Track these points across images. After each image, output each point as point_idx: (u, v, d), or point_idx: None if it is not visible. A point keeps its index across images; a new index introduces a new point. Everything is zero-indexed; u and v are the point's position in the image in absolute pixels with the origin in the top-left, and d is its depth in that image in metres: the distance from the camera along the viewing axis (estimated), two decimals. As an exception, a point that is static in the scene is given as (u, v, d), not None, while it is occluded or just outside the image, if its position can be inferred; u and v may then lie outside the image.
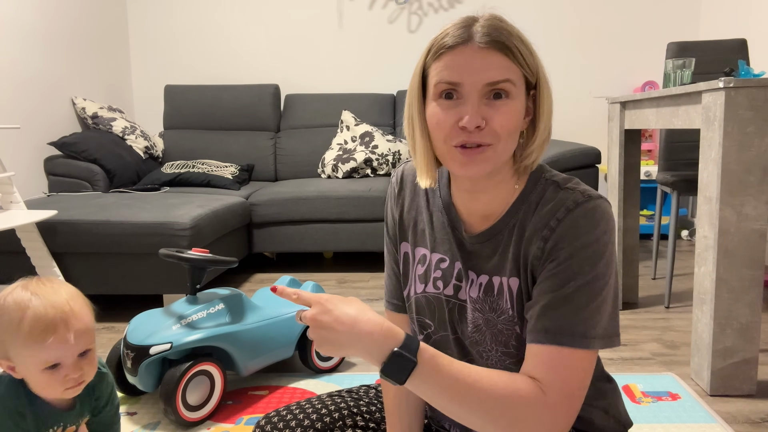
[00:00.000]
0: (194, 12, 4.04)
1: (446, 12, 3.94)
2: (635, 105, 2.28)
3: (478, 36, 0.72)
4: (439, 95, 0.74)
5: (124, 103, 4.00)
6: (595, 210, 0.74)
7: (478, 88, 0.71)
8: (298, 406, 0.95)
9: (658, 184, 2.67)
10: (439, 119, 0.74)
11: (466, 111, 0.71)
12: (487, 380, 0.69)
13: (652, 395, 1.69)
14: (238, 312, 1.72)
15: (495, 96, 0.72)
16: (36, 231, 2.30)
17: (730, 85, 1.56)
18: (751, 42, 2.91)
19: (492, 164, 0.74)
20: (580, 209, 0.74)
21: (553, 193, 0.77)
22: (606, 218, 0.74)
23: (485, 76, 0.71)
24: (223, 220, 2.71)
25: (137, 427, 1.57)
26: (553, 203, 0.76)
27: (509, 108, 0.72)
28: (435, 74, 0.74)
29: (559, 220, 0.74)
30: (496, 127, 0.72)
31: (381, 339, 0.68)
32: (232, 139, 3.79)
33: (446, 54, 0.73)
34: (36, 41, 3.13)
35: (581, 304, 0.72)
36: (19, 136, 2.93)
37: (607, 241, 0.74)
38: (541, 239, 0.75)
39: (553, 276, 0.73)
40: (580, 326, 0.71)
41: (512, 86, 0.72)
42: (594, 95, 3.88)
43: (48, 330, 0.89)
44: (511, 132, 0.73)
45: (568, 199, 0.75)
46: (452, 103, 0.73)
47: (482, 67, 0.71)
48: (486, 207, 0.81)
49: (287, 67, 4.05)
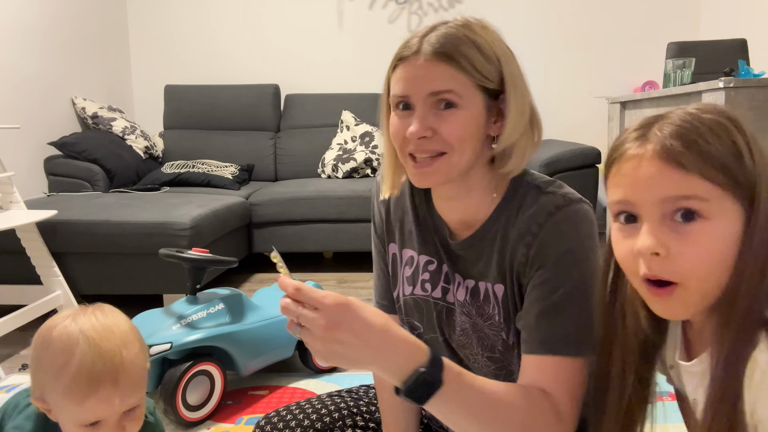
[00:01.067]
0: (194, 12, 4.04)
1: (446, 12, 3.94)
2: (635, 105, 2.28)
3: (426, 47, 0.72)
4: (396, 106, 0.76)
5: (124, 103, 4.00)
6: (577, 213, 0.74)
7: (423, 98, 0.72)
8: (297, 407, 0.95)
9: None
10: (395, 129, 0.76)
11: (412, 121, 0.73)
12: (507, 398, 0.66)
13: (652, 395, 1.68)
14: (238, 312, 1.72)
15: (446, 105, 0.72)
16: (36, 231, 2.30)
17: (730, 85, 1.57)
18: (751, 42, 2.91)
19: (444, 174, 0.74)
20: (561, 213, 0.73)
21: (534, 197, 0.76)
22: (588, 221, 0.74)
23: (428, 87, 0.72)
24: (223, 220, 2.71)
25: (137, 427, 1.57)
26: (534, 208, 0.75)
27: (457, 117, 0.72)
28: (392, 86, 0.76)
29: (541, 225, 0.73)
30: (445, 135, 0.72)
31: (406, 355, 0.61)
32: (232, 139, 3.79)
33: (399, 66, 0.75)
34: (36, 41, 3.13)
35: (573, 312, 0.71)
36: (19, 136, 2.93)
37: (591, 245, 0.74)
38: (524, 245, 0.74)
39: (542, 284, 0.73)
40: (574, 334, 0.71)
41: (457, 96, 0.72)
42: (594, 95, 3.88)
43: (91, 386, 0.75)
44: (462, 140, 0.72)
45: (549, 204, 0.74)
46: (407, 113, 0.74)
47: (426, 78, 0.72)
48: (463, 214, 0.81)
49: (287, 67, 4.05)
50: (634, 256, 0.59)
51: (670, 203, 0.56)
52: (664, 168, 0.55)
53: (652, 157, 0.56)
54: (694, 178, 0.54)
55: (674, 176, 0.55)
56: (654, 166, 0.56)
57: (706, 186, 0.54)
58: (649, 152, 0.56)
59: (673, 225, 0.56)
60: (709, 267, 0.55)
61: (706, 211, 0.55)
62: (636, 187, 0.57)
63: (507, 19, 3.85)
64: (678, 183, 0.55)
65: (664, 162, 0.55)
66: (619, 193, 0.59)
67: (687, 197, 0.55)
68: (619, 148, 0.60)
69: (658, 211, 0.56)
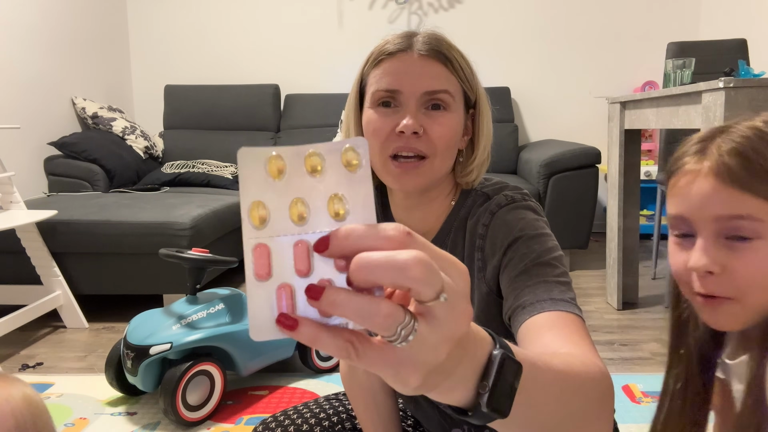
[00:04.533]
0: (194, 12, 4.04)
1: (446, 12, 3.94)
2: (635, 105, 2.27)
3: (419, 44, 0.71)
4: (376, 103, 0.72)
5: (124, 103, 3.99)
6: (518, 207, 0.73)
7: (417, 95, 0.70)
8: (295, 411, 0.94)
9: (658, 184, 2.67)
10: (376, 126, 0.71)
11: (405, 116, 0.69)
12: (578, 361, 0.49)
13: (652, 395, 1.68)
14: (238, 312, 1.72)
15: (433, 107, 0.70)
16: (36, 231, 2.30)
17: (730, 85, 1.56)
18: (751, 42, 2.90)
19: (426, 178, 0.72)
20: (503, 210, 0.73)
21: (480, 206, 0.76)
22: (532, 208, 0.73)
23: (424, 84, 0.69)
24: (223, 220, 2.71)
25: (137, 427, 1.57)
26: (478, 214, 0.75)
27: (447, 119, 0.70)
28: (374, 82, 0.72)
29: (486, 225, 0.73)
30: (434, 137, 0.69)
31: None
32: (232, 139, 3.79)
33: (386, 60, 0.72)
34: (36, 41, 3.13)
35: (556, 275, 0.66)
36: (19, 136, 2.93)
37: (542, 225, 0.72)
38: (478, 250, 0.73)
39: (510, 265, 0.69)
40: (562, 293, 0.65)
41: (450, 98, 0.70)
42: (594, 95, 3.88)
43: None
44: (448, 145, 0.71)
45: (492, 204, 0.74)
46: (390, 110, 0.71)
47: (422, 74, 0.70)
48: (420, 223, 0.79)
49: (287, 67, 4.05)
50: (687, 270, 0.59)
51: (723, 222, 0.55)
52: (719, 186, 0.55)
53: (707, 174, 0.56)
54: (748, 198, 0.54)
55: (728, 195, 0.55)
56: (708, 184, 0.56)
57: (761, 205, 0.54)
58: (705, 169, 0.56)
59: (727, 243, 0.55)
60: (763, 285, 0.55)
61: (761, 230, 0.54)
62: (691, 204, 0.57)
63: (507, 19, 3.85)
64: (732, 202, 0.54)
65: (719, 180, 0.55)
66: (674, 208, 0.59)
67: (741, 217, 0.54)
68: (678, 161, 0.60)
69: (712, 228, 0.56)
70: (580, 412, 0.46)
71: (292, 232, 0.30)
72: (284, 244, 0.30)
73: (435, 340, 0.31)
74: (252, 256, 0.30)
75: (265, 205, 0.31)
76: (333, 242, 0.29)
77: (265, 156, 0.31)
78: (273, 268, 0.30)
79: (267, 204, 0.31)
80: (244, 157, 0.32)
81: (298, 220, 0.31)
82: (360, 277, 0.29)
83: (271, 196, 0.31)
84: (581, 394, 0.46)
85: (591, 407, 0.47)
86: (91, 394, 1.77)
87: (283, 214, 0.31)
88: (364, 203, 0.31)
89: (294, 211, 0.31)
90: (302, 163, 0.31)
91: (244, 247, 0.30)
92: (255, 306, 0.30)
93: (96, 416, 1.64)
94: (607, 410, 0.50)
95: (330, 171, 0.31)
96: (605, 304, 2.50)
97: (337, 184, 0.31)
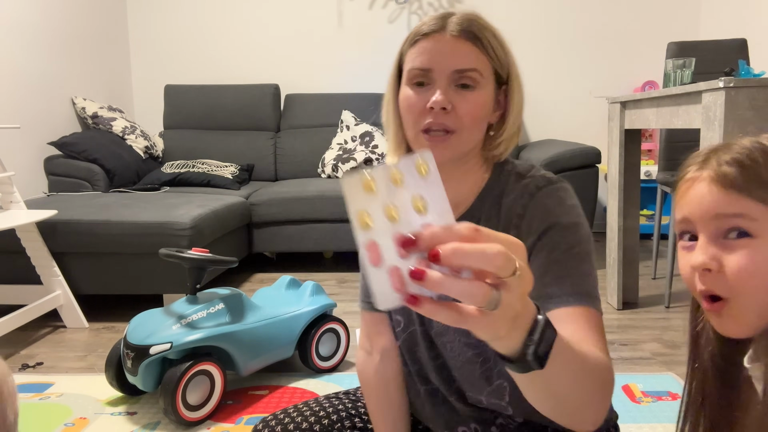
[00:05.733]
0: (194, 12, 4.04)
1: (446, 12, 3.94)
2: (635, 105, 2.27)
3: (452, 26, 0.75)
4: (411, 81, 0.77)
5: (124, 103, 4.00)
6: (558, 190, 0.77)
7: (447, 74, 0.74)
8: (295, 410, 0.94)
9: (658, 184, 2.67)
10: (410, 103, 0.76)
11: (434, 93, 0.74)
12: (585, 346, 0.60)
13: (652, 395, 1.69)
14: (238, 312, 1.72)
15: (463, 86, 0.74)
16: (36, 231, 2.30)
17: (730, 85, 1.56)
18: (751, 42, 2.90)
19: (454, 151, 0.76)
20: (542, 192, 0.77)
21: (515, 183, 0.79)
22: (570, 195, 0.77)
23: (454, 63, 0.74)
24: (223, 220, 2.71)
25: (137, 427, 1.57)
26: (517, 192, 0.78)
27: (475, 97, 0.75)
28: (409, 60, 0.77)
29: (525, 205, 0.76)
30: (462, 113, 0.74)
31: None
32: (232, 139, 3.79)
33: (421, 41, 0.76)
34: (36, 41, 3.13)
35: (583, 270, 0.72)
36: (19, 136, 2.93)
37: (578, 212, 0.76)
38: (514, 228, 0.77)
39: (543, 251, 0.73)
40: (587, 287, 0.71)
41: (479, 76, 0.75)
42: (594, 95, 3.88)
43: None
44: (475, 121, 0.75)
45: (530, 185, 0.78)
46: (423, 89, 0.76)
47: (452, 54, 0.74)
48: (453, 195, 0.80)
49: (287, 67, 4.05)
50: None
51: (721, 220, 0.58)
52: (714, 189, 0.58)
53: (704, 179, 0.59)
54: (743, 199, 0.57)
55: (724, 195, 0.58)
56: (704, 187, 0.59)
57: (756, 206, 0.56)
58: (703, 175, 0.60)
59: (724, 242, 0.58)
60: (757, 283, 0.56)
61: (756, 229, 0.57)
62: (690, 205, 0.60)
63: (507, 18, 3.85)
64: (727, 201, 0.57)
65: (715, 184, 0.58)
66: (678, 213, 0.62)
67: (736, 215, 0.57)
68: (683, 170, 0.63)
69: (710, 228, 0.59)
70: (586, 392, 0.56)
71: (390, 229, 0.41)
72: (386, 238, 0.41)
73: (513, 302, 0.42)
74: (366, 251, 0.41)
75: (368, 213, 0.41)
76: (420, 242, 0.39)
77: (361, 177, 0.41)
78: (383, 256, 0.40)
79: (369, 212, 0.41)
80: (346, 180, 0.41)
81: (393, 219, 0.41)
82: (454, 262, 0.38)
83: (370, 205, 0.41)
84: (591, 377, 0.56)
85: (595, 390, 0.58)
86: (91, 394, 1.77)
87: (381, 217, 0.41)
88: (438, 198, 0.41)
89: (388, 213, 0.41)
90: (388, 177, 0.41)
91: (359, 245, 0.41)
92: (377, 285, 0.41)
93: (96, 416, 1.64)
94: (606, 397, 0.61)
95: (408, 179, 0.42)
96: (605, 304, 2.50)
97: (416, 188, 0.41)
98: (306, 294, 1.92)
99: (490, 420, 0.86)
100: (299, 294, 1.95)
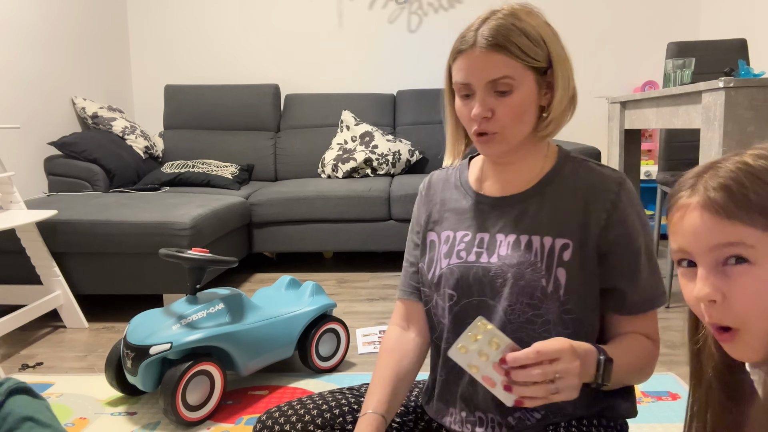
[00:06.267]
0: (194, 12, 4.04)
1: (446, 12, 3.94)
2: (635, 105, 2.27)
3: (481, 40, 0.83)
4: (459, 93, 0.88)
5: (124, 103, 4.00)
6: (632, 187, 0.91)
7: (483, 85, 0.84)
8: (299, 402, 0.96)
9: (658, 184, 2.67)
10: (461, 113, 0.89)
11: (474, 105, 0.85)
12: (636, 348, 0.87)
13: (652, 395, 1.68)
14: (238, 312, 1.72)
15: (500, 92, 0.84)
16: (36, 231, 2.30)
17: (730, 85, 1.56)
18: (751, 42, 2.90)
19: (504, 146, 0.87)
20: (627, 184, 0.89)
21: (588, 169, 0.91)
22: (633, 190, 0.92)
23: (487, 75, 0.83)
24: (223, 220, 2.71)
25: (137, 427, 1.57)
26: (598, 178, 0.89)
27: (512, 101, 0.84)
28: (454, 74, 0.88)
29: (617, 193, 0.88)
30: (501, 117, 0.84)
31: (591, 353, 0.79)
32: (232, 139, 3.79)
33: (458, 57, 0.86)
34: (36, 41, 3.13)
35: (651, 270, 0.88)
36: (19, 136, 2.93)
37: (643, 209, 0.91)
38: (603, 211, 0.87)
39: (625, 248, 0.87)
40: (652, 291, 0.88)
41: (512, 80, 0.83)
42: (594, 95, 3.88)
43: None
44: (515, 119, 0.85)
45: (613, 175, 0.90)
46: (469, 99, 0.87)
47: (484, 67, 0.83)
48: (517, 175, 0.93)
49: (287, 67, 4.05)
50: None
51: (718, 250, 0.58)
52: (707, 218, 0.57)
53: (695, 208, 0.59)
54: (737, 226, 0.56)
55: (717, 225, 0.57)
56: (697, 217, 0.58)
57: (751, 232, 0.56)
58: (693, 203, 0.59)
59: (725, 270, 0.58)
60: (764, 310, 0.56)
61: (753, 256, 0.56)
62: (685, 238, 0.60)
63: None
64: (721, 230, 0.57)
65: (707, 212, 0.58)
66: (674, 243, 0.62)
67: (732, 244, 0.57)
68: (674, 195, 0.62)
69: (709, 258, 0.58)
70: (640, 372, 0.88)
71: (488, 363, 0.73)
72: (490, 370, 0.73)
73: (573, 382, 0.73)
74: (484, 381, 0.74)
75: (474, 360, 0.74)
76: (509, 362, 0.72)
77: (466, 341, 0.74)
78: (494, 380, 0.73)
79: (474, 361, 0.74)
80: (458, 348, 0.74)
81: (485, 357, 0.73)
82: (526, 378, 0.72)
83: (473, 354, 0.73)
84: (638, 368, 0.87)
85: (644, 367, 0.88)
86: (91, 394, 1.77)
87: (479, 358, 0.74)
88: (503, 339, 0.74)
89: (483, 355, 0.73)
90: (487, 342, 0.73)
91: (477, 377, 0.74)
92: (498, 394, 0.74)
93: (96, 416, 1.64)
94: (651, 365, 0.89)
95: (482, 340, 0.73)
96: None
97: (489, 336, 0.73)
98: (306, 294, 1.92)
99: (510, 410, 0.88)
100: (299, 294, 1.95)
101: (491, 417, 0.89)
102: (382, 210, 3.09)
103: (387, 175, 3.52)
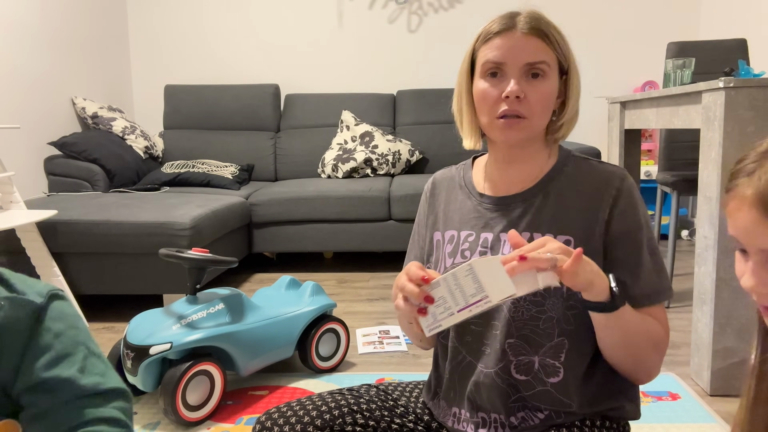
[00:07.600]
0: (194, 12, 4.04)
1: (446, 12, 3.94)
2: (635, 105, 2.28)
3: (521, 24, 0.86)
4: (485, 73, 0.88)
5: (124, 103, 4.00)
6: (633, 182, 0.92)
7: (519, 66, 0.85)
8: (298, 403, 0.95)
9: (658, 184, 2.67)
10: (486, 93, 0.87)
11: (509, 84, 0.85)
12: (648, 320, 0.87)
13: (652, 395, 1.68)
14: (238, 312, 1.72)
15: (533, 75, 0.85)
16: (36, 231, 2.30)
17: (730, 85, 1.56)
18: (751, 42, 2.90)
19: (526, 133, 0.88)
20: (628, 180, 0.90)
21: (589, 167, 0.92)
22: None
23: (525, 56, 0.85)
24: (223, 220, 2.71)
25: (137, 427, 1.57)
26: (601, 174, 0.90)
27: (544, 86, 0.86)
28: (483, 56, 0.88)
29: (619, 188, 0.89)
30: (533, 101, 0.85)
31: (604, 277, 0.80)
32: (232, 139, 3.79)
33: (494, 38, 0.87)
34: (36, 41, 3.13)
35: (654, 264, 0.88)
36: (19, 136, 2.93)
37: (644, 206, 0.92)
38: (607, 205, 0.88)
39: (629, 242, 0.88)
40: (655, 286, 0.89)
41: (547, 67, 0.86)
42: (594, 95, 3.88)
43: None
44: (544, 108, 0.87)
45: (615, 171, 0.91)
46: (497, 80, 0.87)
47: (524, 48, 0.85)
48: (520, 174, 0.94)
49: (287, 67, 4.05)
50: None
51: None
52: (759, 218, 0.57)
53: (750, 205, 0.57)
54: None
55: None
56: (751, 217, 0.57)
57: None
58: (748, 198, 0.58)
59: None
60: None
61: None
62: (737, 231, 0.60)
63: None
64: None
65: (759, 213, 0.57)
66: (730, 229, 0.62)
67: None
68: (734, 178, 0.61)
69: (759, 256, 0.59)
70: (646, 343, 0.86)
71: None
72: None
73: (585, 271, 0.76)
74: None
75: None
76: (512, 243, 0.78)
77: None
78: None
79: None
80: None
81: None
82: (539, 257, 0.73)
83: None
84: (649, 334, 0.86)
85: (651, 347, 0.86)
86: (91, 394, 1.76)
87: None
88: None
89: None
90: None
91: None
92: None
93: (96, 416, 1.64)
94: (658, 356, 0.88)
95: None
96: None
97: None
98: (306, 294, 1.92)
99: (514, 409, 0.88)
100: (299, 294, 1.95)
101: (495, 417, 0.89)
102: (382, 210, 3.09)
103: (387, 175, 3.52)
